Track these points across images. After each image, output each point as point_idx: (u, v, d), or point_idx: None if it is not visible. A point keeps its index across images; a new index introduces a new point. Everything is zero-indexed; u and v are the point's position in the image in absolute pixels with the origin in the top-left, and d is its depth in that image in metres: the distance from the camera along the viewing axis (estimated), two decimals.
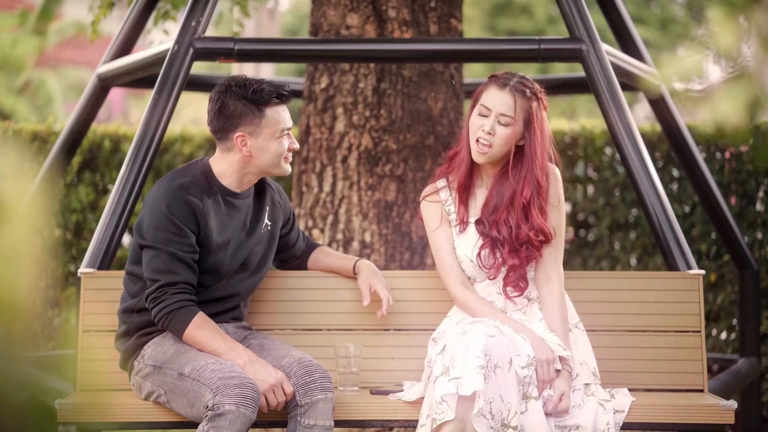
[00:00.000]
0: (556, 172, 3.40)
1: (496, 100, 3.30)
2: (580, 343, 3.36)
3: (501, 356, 3.08)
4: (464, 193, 3.41)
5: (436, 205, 3.44)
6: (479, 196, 3.42)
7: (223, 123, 3.31)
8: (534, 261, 3.37)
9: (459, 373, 3.03)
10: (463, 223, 3.40)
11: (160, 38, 5.49)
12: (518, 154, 3.36)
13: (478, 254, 3.36)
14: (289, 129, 3.35)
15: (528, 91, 3.31)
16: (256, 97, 3.29)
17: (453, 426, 3.02)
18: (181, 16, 4.15)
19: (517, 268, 3.34)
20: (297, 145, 3.37)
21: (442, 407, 3.03)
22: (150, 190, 3.31)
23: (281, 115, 3.33)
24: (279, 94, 3.32)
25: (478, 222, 3.39)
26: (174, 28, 4.47)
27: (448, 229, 3.42)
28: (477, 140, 3.31)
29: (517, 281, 3.35)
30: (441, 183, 3.47)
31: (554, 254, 3.38)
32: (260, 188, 3.46)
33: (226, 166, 3.34)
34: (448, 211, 3.43)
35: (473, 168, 3.41)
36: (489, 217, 3.36)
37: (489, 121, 3.29)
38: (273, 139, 3.31)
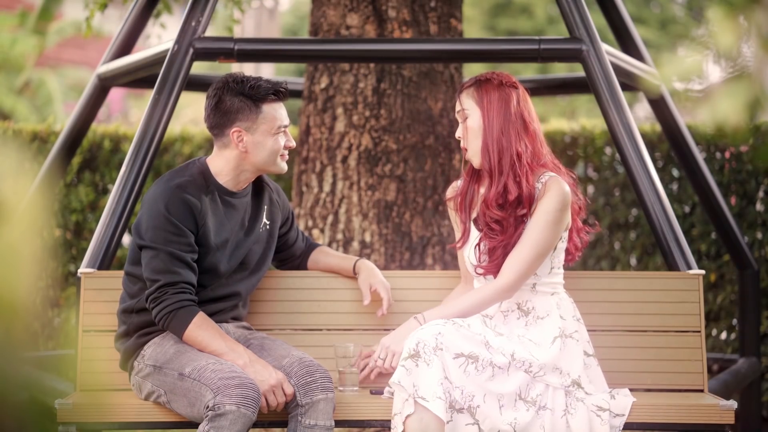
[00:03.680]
0: (559, 184, 3.29)
1: (456, 107, 3.44)
2: (573, 352, 3.28)
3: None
4: (464, 201, 3.44)
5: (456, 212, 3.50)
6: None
7: (220, 118, 3.31)
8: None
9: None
10: (466, 230, 3.43)
11: (158, 32, 5.50)
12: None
13: (477, 245, 3.37)
14: (285, 126, 3.35)
15: (471, 81, 3.41)
16: (253, 93, 3.29)
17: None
18: (181, 16, 4.15)
19: (496, 248, 3.31)
20: (293, 143, 3.37)
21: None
22: (148, 191, 3.31)
23: (278, 112, 3.33)
24: (276, 90, 3.32)
25: (475, 221, 3.40)
26: (173, 26, 4.46)
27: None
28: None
29: (498, 260, 3.31)
30: (459, 183, 3.52)
31: (513, 254, 3.26)
32: (258, 187, 3.46)
33: (223, 164, 3.34)
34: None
35: (478, 178, 3.45)
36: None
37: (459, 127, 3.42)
38: (269, 136, 3.32)
